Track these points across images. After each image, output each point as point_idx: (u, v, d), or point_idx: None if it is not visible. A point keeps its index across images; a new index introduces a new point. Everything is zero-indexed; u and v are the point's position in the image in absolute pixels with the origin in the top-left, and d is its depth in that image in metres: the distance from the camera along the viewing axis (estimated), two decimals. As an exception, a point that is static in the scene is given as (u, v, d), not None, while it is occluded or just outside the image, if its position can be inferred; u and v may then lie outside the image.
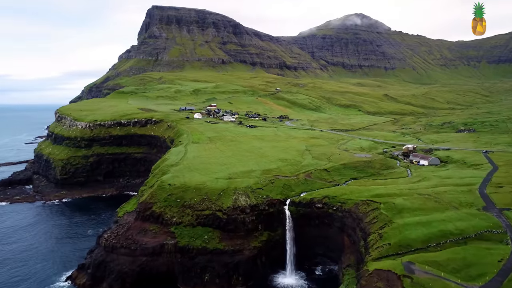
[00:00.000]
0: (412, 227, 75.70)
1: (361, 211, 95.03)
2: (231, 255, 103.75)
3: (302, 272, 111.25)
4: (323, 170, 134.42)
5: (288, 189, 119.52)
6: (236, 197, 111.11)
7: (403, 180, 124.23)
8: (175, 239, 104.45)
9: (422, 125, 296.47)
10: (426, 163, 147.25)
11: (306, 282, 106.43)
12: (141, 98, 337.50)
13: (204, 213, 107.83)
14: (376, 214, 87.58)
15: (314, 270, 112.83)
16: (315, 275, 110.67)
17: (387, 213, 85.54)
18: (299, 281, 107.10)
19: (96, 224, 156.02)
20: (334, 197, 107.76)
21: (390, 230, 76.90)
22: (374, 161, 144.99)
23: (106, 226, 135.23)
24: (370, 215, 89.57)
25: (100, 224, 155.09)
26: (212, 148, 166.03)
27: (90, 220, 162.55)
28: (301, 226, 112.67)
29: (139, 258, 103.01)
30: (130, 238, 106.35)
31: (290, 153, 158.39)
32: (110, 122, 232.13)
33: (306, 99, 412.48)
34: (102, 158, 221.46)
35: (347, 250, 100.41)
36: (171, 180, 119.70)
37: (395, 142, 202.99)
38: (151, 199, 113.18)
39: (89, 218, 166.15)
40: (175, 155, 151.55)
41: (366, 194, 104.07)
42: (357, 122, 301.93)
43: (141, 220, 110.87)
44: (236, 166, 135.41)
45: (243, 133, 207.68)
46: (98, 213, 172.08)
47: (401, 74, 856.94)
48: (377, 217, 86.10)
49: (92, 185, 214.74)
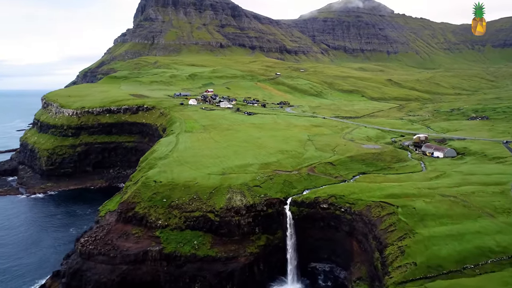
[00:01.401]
0: (441, 240, 62.70)
1: (374, 215, 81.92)
2: (224, 263, 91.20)
3: (304, 280, 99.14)
4: (328, 164, 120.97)
5: (289, 186, 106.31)
6: (230, 196, 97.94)
7: (418, 176, 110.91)
8: (160, 244, 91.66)
9: (429, 111, 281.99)
10: (441, 155, 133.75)
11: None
12: (134, 84, 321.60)
13: (194, 215, 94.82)
14: (393, 221, 74.47)
15: (318, 277, 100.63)
16: (319, 283, 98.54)
17: (406, 220, 72.40)
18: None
19: (80, 221, 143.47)
20: (342, 196, 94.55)
21: (413, 244, 63.94)
22: (384, 153, 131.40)
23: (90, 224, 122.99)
24: (386, 221, 76.48)
25: (84, 220, 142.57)
26: (206, 138, 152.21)
27: (74, 217, 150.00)
28: (303, 228, 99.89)
29: (120, 266, 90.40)
30: (110, 243, 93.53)
31: (291, 143, 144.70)
32: (99, 109, 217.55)
33: (307, 84, 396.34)
34: (90, 148, 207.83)
35: (357, 257, 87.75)
36: (157, 176, 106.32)
37: (403, 130, 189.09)
38: (133, 198, 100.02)
39: (73, 214, 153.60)
40: (165, 146, 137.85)
41: (378, 193, 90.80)
42: (361, 109, 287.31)
43: (122, 222, 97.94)
44: (231, 159, 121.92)
45: (241, 121, 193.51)
46: (84, 208, 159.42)
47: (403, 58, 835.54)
48: (395, 224, 73.00)
49: (80, 176, 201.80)
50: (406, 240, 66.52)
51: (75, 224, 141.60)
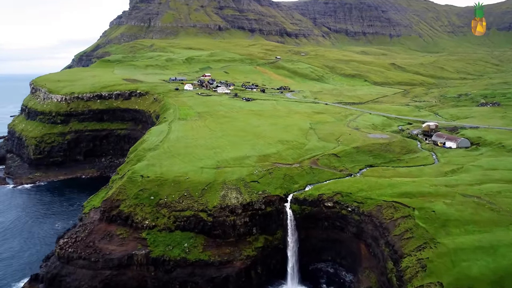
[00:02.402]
0: (470, 254, 53.51)
1: (386, 217, 72.58)
2: (218, 268, 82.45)
3: (306, 284, 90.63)
4: (332, 156, 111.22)
5: (290, 181, 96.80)
6: (225, 194, 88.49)
7: (431, 170, 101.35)
8: (147, 247, 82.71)
9: (436, 97, 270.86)
10: (453, 146, 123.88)
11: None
12: (129, 67, 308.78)
13: (184, 215, 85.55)
14: (410, 226, 65.17)
15: (321, 280, 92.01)
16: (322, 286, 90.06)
17: (425, 225, 63.13)
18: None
19: (66, 215, 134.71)
20: (349, 194, 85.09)
21: (436, 258, 54.81)
22: (393, 144, 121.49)
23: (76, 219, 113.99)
24: (400, 225, 67.18)
25: (71, 215, 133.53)
26: (201, 127, 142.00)
27: (61, 210, 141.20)
28: (305, 228, 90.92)
29: (102, 272, 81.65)
30: (92, 245, 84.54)
31: (292, 132, 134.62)
32: (89, 94, 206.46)
33: (308, 68, 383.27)
34: (81, 136, 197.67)
35: (365, 262, 78.88)
36: (144, 171, 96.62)
37: (410, 117, 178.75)
38: (118, 196, 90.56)
39: (60, 207, 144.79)
40: (156, 136, 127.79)
41: (390, 191, 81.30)
42: (365, 94, 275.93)
43: (106, 222, 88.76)
44: (227, 151, 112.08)
45: (238, 107, 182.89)
46: (72, 201, 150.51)
47: (406, 41, 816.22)
48: (412, 230, 63.71)
49: (70, 166, 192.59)
50: (427, 251, 57.41)
51: (61, 218, 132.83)
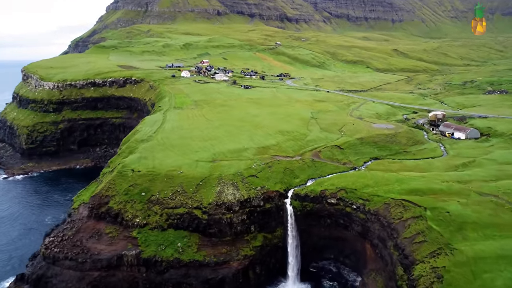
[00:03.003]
0: (492, 264, 48.15)
1: (395, 217, 67.06)
2: (214, 269, 77.43)
3: (308, 283, 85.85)
4: (335, 147, 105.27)
5: (291, 175, 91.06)
6: (221, 189, 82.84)
7: (440, 163, 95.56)
8: (137, 247, 77.51)
9: (440, 84, 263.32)
10: (462, 136, 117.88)
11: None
12: (124, 54, 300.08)
13: (177, 212, 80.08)
14: (421, 228, 59.69)
15: (323, 279, 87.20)
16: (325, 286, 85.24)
17: (439, 228, 57.68)
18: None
19: (57, 209, 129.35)
20: (354, 190, 79.45)
21: (453, 267, 49.47)
22: (399, 135, 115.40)
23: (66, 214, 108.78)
24: (411, 226, 61.68)
25: (62, 208, 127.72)
26: (197, 116, 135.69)
27: (52, 203, 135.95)
28: (306, 225, 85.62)
29: (90, 273, 76.65)
30: (79, 245, 79.31)
31: (293, 122, 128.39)
32: (83, 82, 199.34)
33: (309, 54, 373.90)
34: (74, 124, 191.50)
35: (371, 264, 73.77)
36: (135, 164, 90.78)
37: (415, 106, 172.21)
38: (107, 191, 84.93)
39: (53, 200, 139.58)
40: (149, 126, 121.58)
41: (398, 188, 75.64)
42: (367, 81, 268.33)
43: (94, 219, 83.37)
44: (224, 142, 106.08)
45: (237, 95, 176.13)
46: (64, 193, 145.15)
47: (409, 27, 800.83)
48: (424, 233, 58.26)
49: (64, 155, 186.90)
50: (442, 258, 52.05)
51: (52, 211, 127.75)
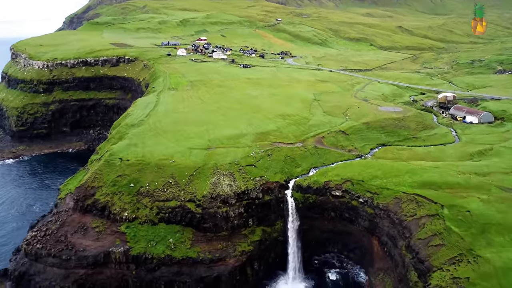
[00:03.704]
0: (525, 278, 42.27)
1: (407, 214, 60.79)
2: (209, 266, 71.91)
3: (309, 278, 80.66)
4: (340, 133, 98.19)
5: (292, 164, 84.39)
6: (216, 180, 76.36)
7: (453, 150, 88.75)
8: (126, 243, 71.72)
9: (447, 63, 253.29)
10: (475, 121, 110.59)
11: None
12: (119, 31, 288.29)
13: (169, 205, 73.86)
14: (438, 229, 53.47)
15: (326, 273, 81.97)
16: (327, 281, 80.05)
17: (459, 230, 51.48)
18: (306, 291, 77.08)
19: (47, 196, 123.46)
20: (360, 182, 72.99)
21: (479, 279, 43.43)
22: (407, 119, 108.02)
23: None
24: (426, 226, 55.44)
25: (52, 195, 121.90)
26: (193, 98, 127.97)
27: (42, 190, 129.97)
28: (309, 218, 79.68)
29: (75, 271, 71.17)
30: (63, 240, 73.52)
31: (294, 105, 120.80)
32: (74, 61, 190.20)
33: (311, 31, 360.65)
34: (66, 106, 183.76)
35: (379, 262, 68.13)
36: (124, 152, 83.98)
37: (423, 87, 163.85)
38: (93, 182, 78.51)
39: (43, 186, 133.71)
40: (141, 109, 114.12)
41: (409, 180, 69.13)
42: (371, 60, 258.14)
43: (80, 212, 77.32)
44: (220, 127, 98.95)
45: (235, 75, 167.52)
46: (55, 178, 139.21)
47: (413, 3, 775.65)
48: (442, 235, 52.04)
49: (56, 138, 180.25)
50: (464, 267, 46.06)
51: (41, 198, 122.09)
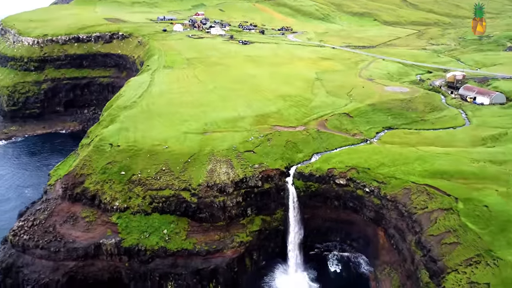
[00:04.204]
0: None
1: (417, 206, 56.55)
2: (205, 258, 68.43)
3: (311, 267, 77.49)
4: (344, 115, 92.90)
5: (293, 149, 79.61)
6: (213, 168, 71.79)
7: (464, 134, 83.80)
8: (117, 235, 67.94)
9: (454, 39, 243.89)
10: (486, 102, 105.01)
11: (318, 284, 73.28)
12: (113, 5, 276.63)
13: (163, 194, 69.59)
14: (453, 225, 49.30)
15: (328, 263, 78.74)
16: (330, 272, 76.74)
17: (476, 228, 47.33)
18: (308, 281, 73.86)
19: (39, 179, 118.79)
20: (366, 169, 68.46)
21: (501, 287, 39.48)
22: (415, 100, 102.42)
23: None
24: (439, 221, 51.28)
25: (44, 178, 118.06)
26: (189, 77, 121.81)
27: (34, 172, 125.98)
28: (310, 207, 75.68)
29: (65, 263, 67.78)
30: (51, 231, 69.74)
31: (295, 84, 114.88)
32: (65, 37, 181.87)
33: (313, 6, 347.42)
34: (58, 84, 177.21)
35: (384, 255, 64.52)
36: (115, 137, 79.03)
37: (430, 65, 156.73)
38: (82, 169, 73.98)
39: (35, 168, 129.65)
40: (134, 89, 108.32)
41: (419, 168, 64.57)
42: (375, 36, 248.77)
43: (69, 201, 73.20)
44: (218, 109, 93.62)
45: (234, 52, 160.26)
46: (49, 160, 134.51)
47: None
48: (456, 232, 47.93)
49: (50, 118, 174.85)
50: (483, 270, 42.11)
51: (33, 182, 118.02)
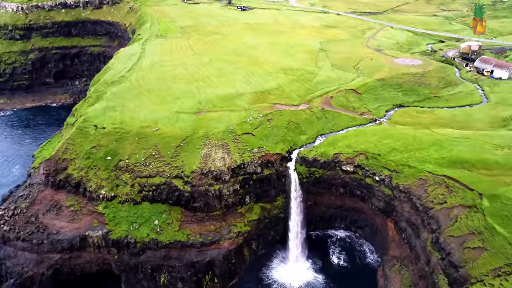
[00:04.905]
0: None
1: (434, 200, 50.70)
2: (200, 250, 63.58)
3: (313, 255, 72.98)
4: (351, 92, 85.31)
5: (295, 130, 72.85)
6: (207, 153, 65.44)
7: (482, 114, 76.79)
8: (105, 226, 62.73)
9: (465, 4, 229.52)
10: (504, 76, 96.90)
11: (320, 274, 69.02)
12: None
13: (153, 182, 63.68)
14: (477, 226, 43.62)
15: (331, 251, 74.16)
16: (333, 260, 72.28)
17: (505, 231, 41.56)
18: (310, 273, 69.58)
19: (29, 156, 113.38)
20: (376, 155, 62.10)
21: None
22: (428, 74, 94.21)
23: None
24: (460, 220, 45.57)
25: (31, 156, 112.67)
26: (183, 48, 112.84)
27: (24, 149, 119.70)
28: (314, 193, 70.11)
29: (49, 256, 63.05)
30: (33, 221, 64.48)
31: (298, 56, 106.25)
32: (51, 2, 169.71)
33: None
34: (47, 54, 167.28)
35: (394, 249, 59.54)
36: (100, 118, 72.11)
37: (441, 33, 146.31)
38: (65, 154, 67.71)
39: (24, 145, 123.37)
40: (123, 62, 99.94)
41: (435, 155, 58.22)
42: (382, 0, 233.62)
43: (52, 188, 67.54)
44: (213, 85, 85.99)
45: (232, 19, 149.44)
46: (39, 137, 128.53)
47: None
48: (481, 236, 42.30)
49: (40, 90, 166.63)
50: (514, 283, 36.94)
51: (21, 160, 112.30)
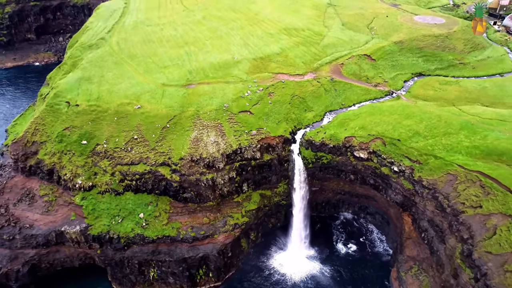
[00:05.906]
0: None
1: (466, 202, 42.57)
2: (193, 246, 56.80)
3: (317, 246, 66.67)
4: (364, 58, 74.15)
5: (300, 106, 63.08)
6: (198, 136, 56.34)
7: (516, 86, 66.47)
8: (83, 220, 55.38)
9: None
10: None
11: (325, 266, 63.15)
12: None
13: (136, 170, 55.29)
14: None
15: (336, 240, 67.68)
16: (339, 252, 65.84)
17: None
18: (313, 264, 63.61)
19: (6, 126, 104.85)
20: (396, 141, 53.02)
21: None
22: (453, 36, 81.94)
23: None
24: (500, 233, 37.45)
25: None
26: (172, 2, 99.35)
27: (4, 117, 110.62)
28: (320, 179, 62.05)
29: (24, 251, 56.40)
30: (3, 213, 57.08)
31: (303, 12, 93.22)
32: None
33: None
34: (25, 7, 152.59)
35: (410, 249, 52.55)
36: (74, 92, 62.03)
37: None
38: (34, 136, 58.67)
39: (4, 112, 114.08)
40: (103, 20, 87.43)
41: (466, 142, 49.22)
42: None
43: (23, 174, 59.44)
44: (206, 49, 74.66)
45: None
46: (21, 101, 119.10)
47: None
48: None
49: (21, 47, 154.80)
50: None
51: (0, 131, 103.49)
